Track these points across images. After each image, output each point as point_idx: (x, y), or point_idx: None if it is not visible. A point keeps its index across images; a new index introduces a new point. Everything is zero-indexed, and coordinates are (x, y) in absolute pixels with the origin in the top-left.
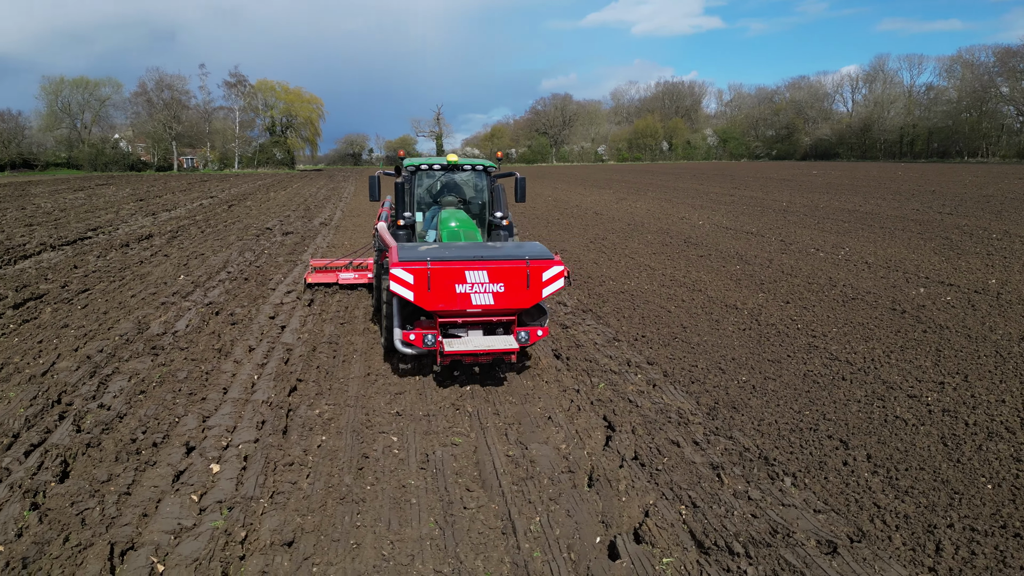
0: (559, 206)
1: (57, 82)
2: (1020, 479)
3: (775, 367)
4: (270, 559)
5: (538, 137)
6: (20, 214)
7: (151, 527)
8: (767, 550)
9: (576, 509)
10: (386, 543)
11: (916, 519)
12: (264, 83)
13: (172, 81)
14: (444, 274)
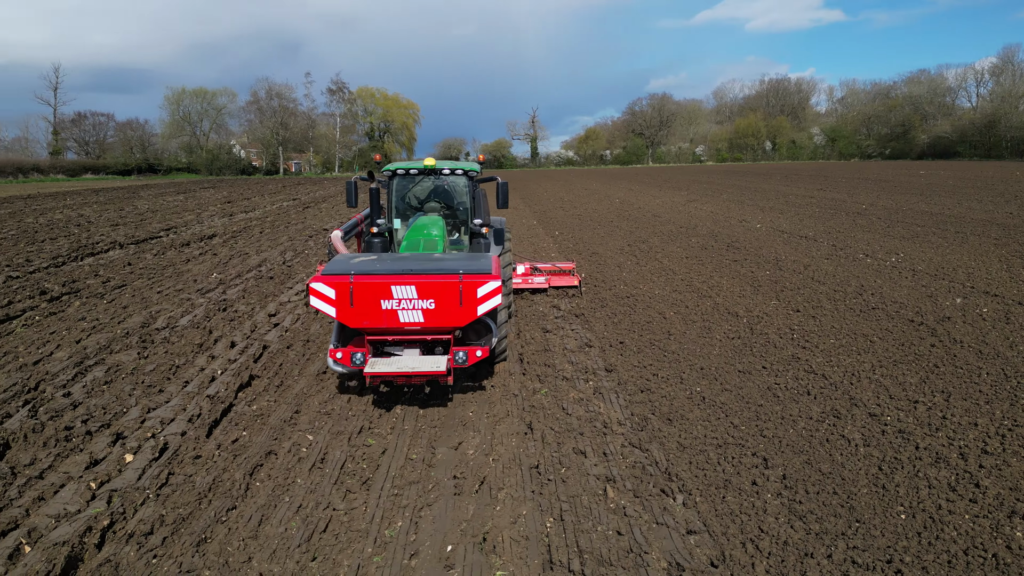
0: (622, 208)
1: (179, 92)
2: (941, 511)
3: (741, 378)
4: (120, 548)
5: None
6: (115, 215)
7: (40, 511)
8: (606, 569)
9: (444, 516)
10: (236, 540)
11: (794, 547)
12: (364, 90)
13: (281, 90)
14: (368, 289)
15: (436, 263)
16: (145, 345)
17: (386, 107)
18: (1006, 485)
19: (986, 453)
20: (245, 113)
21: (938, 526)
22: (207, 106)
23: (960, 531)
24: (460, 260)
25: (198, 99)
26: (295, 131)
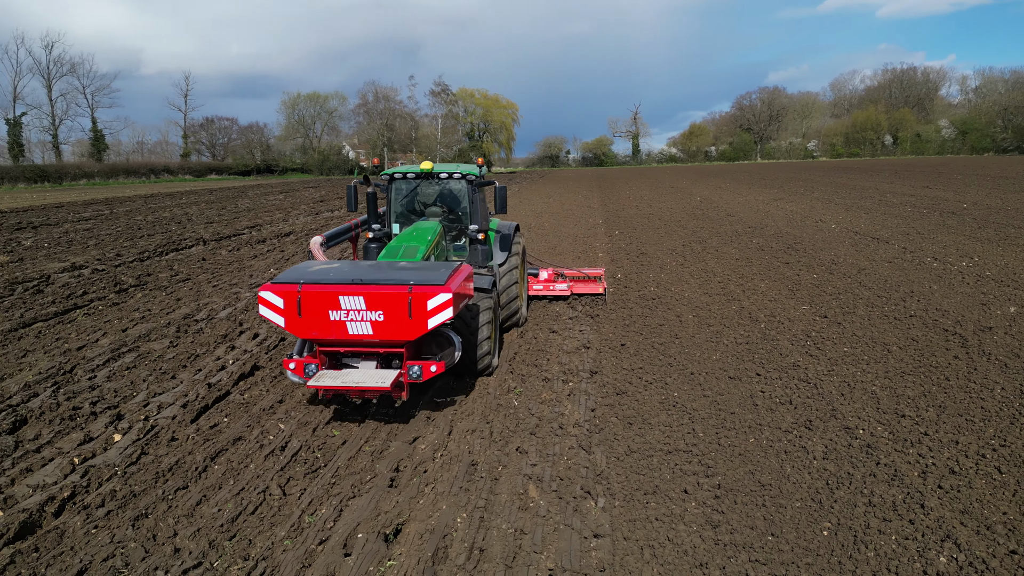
0: (699, 208)
1: (295, 97)
2: (869, 530)
3: (727, 385)
4: (70, 519)
5: (740, 134)
6: (214, 213)
7: (23, 481)
8: (491, 566)
9: (367, 506)
10: (172, 517)
11: (692, 556)
12: (465, 91)
13: (387, 92)
14: (316, 298)
15: (388, 273)
16: (179, 335)
17: (486, 107)
18: (955, 508)
19: (952, 473)
20: (355, 115)
21: (857, 545)
22: (320, 109)
23: (879, 552)
24: (413, 270)
25: (312, 103)
26: (400, 132)
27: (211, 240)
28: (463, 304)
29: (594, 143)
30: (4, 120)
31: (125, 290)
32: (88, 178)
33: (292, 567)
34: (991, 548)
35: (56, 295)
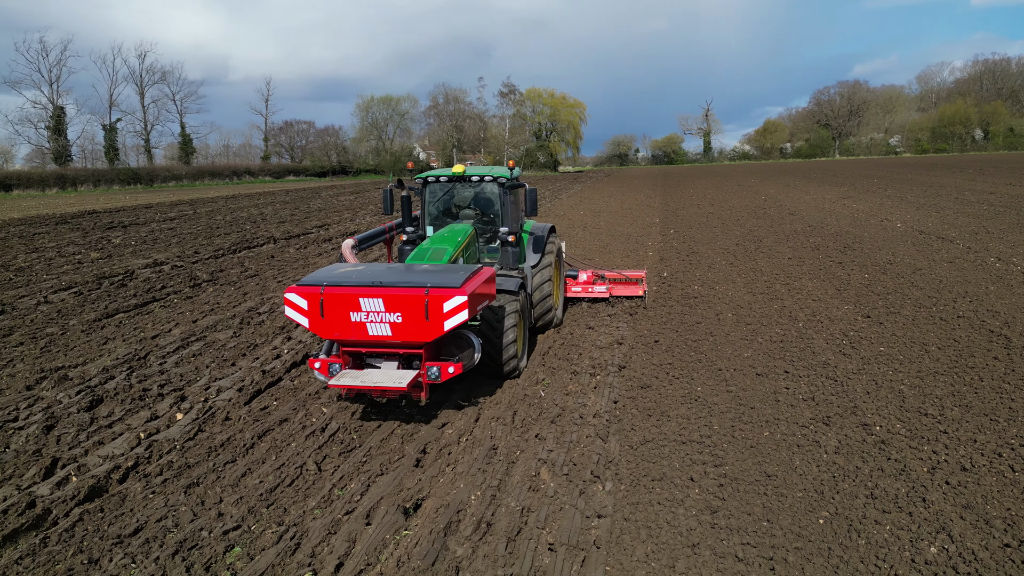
0: (761, 206)
1: (368, 100)
2: (866, 520)
3: (753, 381)
4: (132, 485)
5: (818, 130)
6: (287, 213)
7: (94, 452)
8: (496, 539)
9: (392, 483)
10: (219, 486)
11: (685, 536)
12: (533, 91)
13: (456, 94)
14: (337, 300)
15: (407, 276)
16: (241, 326)
17: (553, 106)
18: (957, 503)
19: (963, 470)
20: (425, 117)
21: (850, 533)
22: (392, 112)
23: (870, 540)
24: (432, 273)
25: (384, 106)
26: (469, 133)
27: (281, 239)
28: (482, 306)
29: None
30: (101, 126)
31: (199, 285)
32: (177, 180)
33: (319, 533)
34: (984, 541)
35: (137, 289)
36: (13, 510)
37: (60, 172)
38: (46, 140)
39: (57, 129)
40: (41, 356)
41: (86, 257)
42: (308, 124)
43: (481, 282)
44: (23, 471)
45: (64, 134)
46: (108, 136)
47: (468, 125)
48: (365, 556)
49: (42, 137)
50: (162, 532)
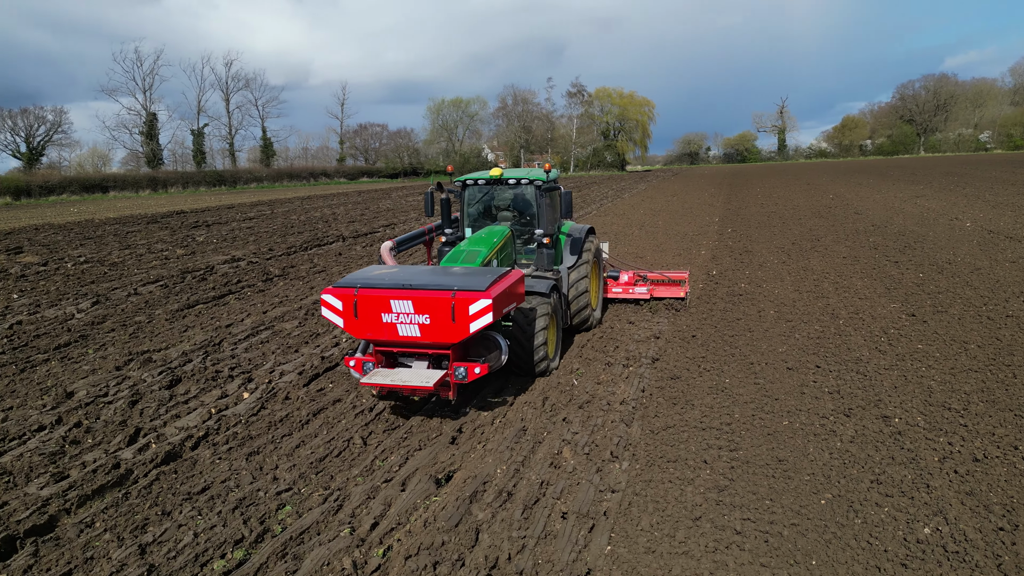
0: (827, 206)
1: (439, 103)
2: (866, 503)
3: (782, 375)
4: (202, 452)
5: (901, 125)
6: (356, 212)
7: (171, 424)
8: (513, 507)
9: (429, 456)
10: (276, 455)
11: (689, 511)
12: (601, 90)
13: (525, 95)
14: (370, 301)
15: (436, 278)
16: (306, 317)
17: (622, 106)
18: (961, 490)
19: (975, 461)
20: (494, 119)
21: (847, 513)
22: (462, 114)
23: (867, 520)
24: (461, 276)
25: (455, 108)
26: (536, 133)
27: (349, 237)
28: (508, 308)
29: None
30: (190, 131)
31: (271, 279)
32: (258, 182)
33: (359, 497)
34: (980, 524)
35: (216, 282)
36: (101, 470)
37: (152, 175)
38: (139, 145)
39: (150, 134)
40: (130, 341)
41: (172, 254)
42: (382, 127)
43: (508, 285)
44: (111, 438)
45: (156, 139)
46: (196, 140)
47: (536, 126)
48: (397, 517)
49: (136, 142)
50: (225, 491)
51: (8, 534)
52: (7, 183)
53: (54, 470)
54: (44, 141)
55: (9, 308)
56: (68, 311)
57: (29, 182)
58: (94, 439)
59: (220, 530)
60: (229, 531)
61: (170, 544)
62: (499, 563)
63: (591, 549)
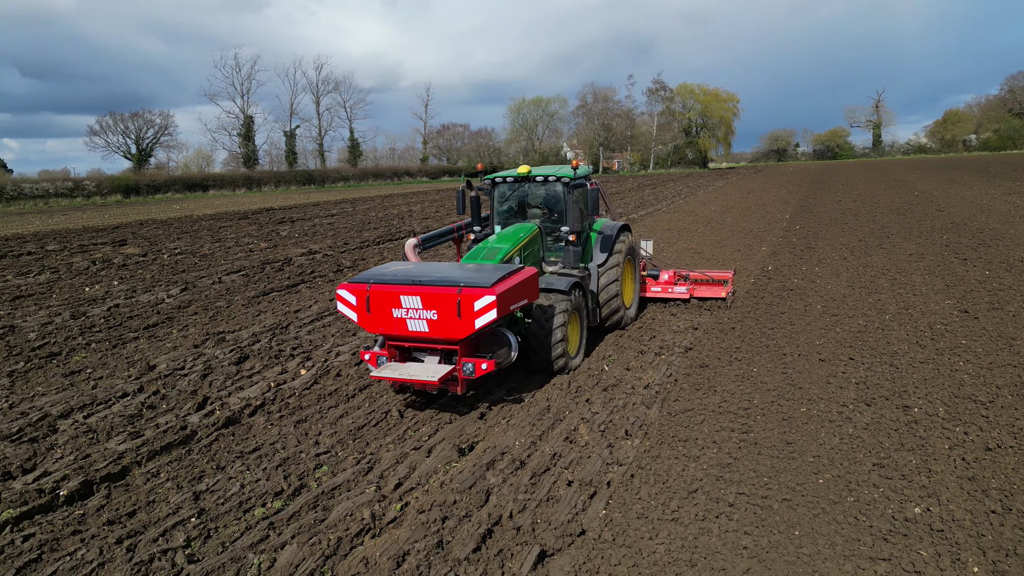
0: (909, 203)
1: (519, 102)
2: (862, 484)
3: (811, 365)
4: (259, 418)
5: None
6: (430, 210)
7: (235, 394)
8: (522, 474)
9: (456, 429)
10: (322, 423)
11: (687, 483)
12: (684, 86)
13: (605, 93)
14: (381, 297)
15: (446, 274)
16: None
17: (705, 102)
18: (962, 475)
19: (987, 450)
20: (574, 117)
21: (841, 491)
22: (542, 113)
23: (859, 498)
24: (468, 273)
25: (535, 107)
26: (616, 131)
27: (420, 232)
28: (517, 306)
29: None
30: (283, 132)
31: (341, 270)
32: (344, 181)
33: (388, 461)
34: (971, 507)
35: (291, 273)
36: (171, 430)
37: (247, 174)
38: (237, 146)
39: (246, 136)
40: (209, 323)
41: (256, 247)
42: (463, 127)
43: (516, 282)
44: (182, 404)
45: (252, 140)
46: (288, 141)
47: (616, 123)
48: (418, 479)
49: (234, 143)
50: (272, 452)
51: (87, 479)
52: (119, 182)
53: (131, 430)
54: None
55: (109, 293)
56: (159, 296)
57: (138, 181)
58: (168, 405)
59: (263, 483)
60: (271, 484)
61: (220, 493)
62: (501, 520)
63: (587, 513)
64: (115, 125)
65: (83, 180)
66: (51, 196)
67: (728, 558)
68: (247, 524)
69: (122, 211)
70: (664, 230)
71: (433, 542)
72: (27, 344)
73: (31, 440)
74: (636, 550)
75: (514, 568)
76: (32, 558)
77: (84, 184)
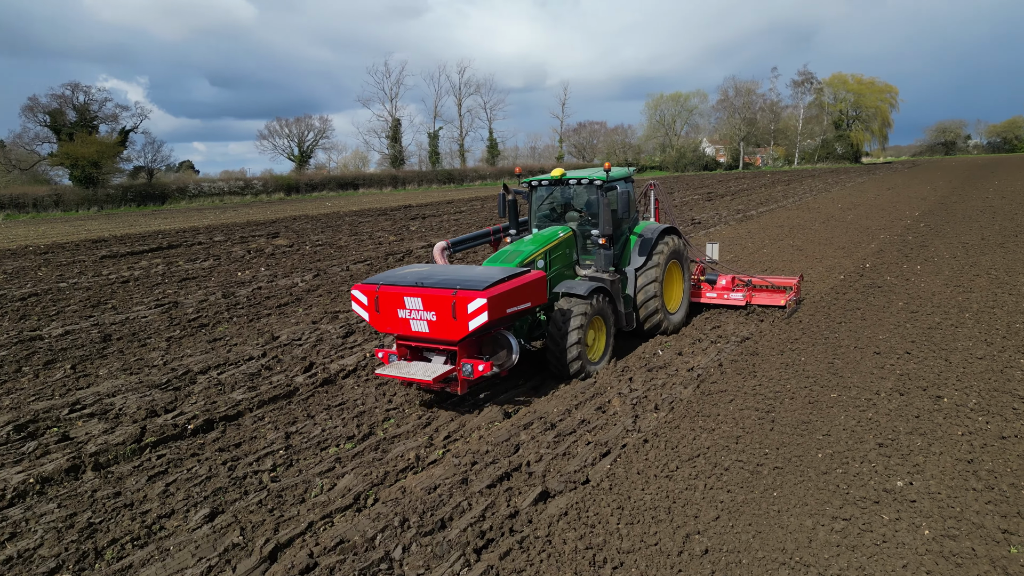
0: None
1: (657, 98)
2: (855, 460)
3: (862, 356)
4: (347, 381)
5: None
6: None
7: (337, 361)
8: (550, 432)
9: (508, 397)
10: (400, 391)
11: (689, 449)
12: (836, 77)
13: (748, 86)
14: (388, 298)
15: (445, 277)
16: None
17: (858, 92)
18: (960, 457)
19: (1002, 438)
20: (715, 112)
21: (833, 463)
22: (680, 108)
23: (848, 471)
24: (466, 275)
25: (673, 103)
26: (760, 125)
27: None
28: (515, 309)
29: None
30: (427, 134)
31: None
32: (482, 179)
33: (445, 419)
34: (955, 483)
35: (408, 261)
36: (280, 386)
37: (393, 173)
38: (386, 147)
39: (394, 138)
40: (329, 304)
41: (386, 240)
42: (600, 124)
43: (514, 286)
44: (292, 368)
45: (399, 141)
46: (431, 142)
47: (760, 117)
48: (463, 434)
49: (383, 145)
50: (353, 406)
51: (209, 418)
52: (282, 181)
53: (250, 385)
54: (312, 146)
55: (255, 277)
56: (294, 281)
57: (298, 180)
58: (281, 368)
59: (340, 429)
60: (346, 430)
61: (305, 434)
62: (520, 467)
63: (595, 467)
64: (281, 129)
65: (252, 180)
66: (225, 194)
67: (703, 508)
68: (321, 459)
69: (282, 207)
70: (776, 227)
71: (459, 479)
72: (184, 316)
73: (175, 389)
74: (625, 497)
75: (517, 502)
76: (161, 470)
77: (253, 183)
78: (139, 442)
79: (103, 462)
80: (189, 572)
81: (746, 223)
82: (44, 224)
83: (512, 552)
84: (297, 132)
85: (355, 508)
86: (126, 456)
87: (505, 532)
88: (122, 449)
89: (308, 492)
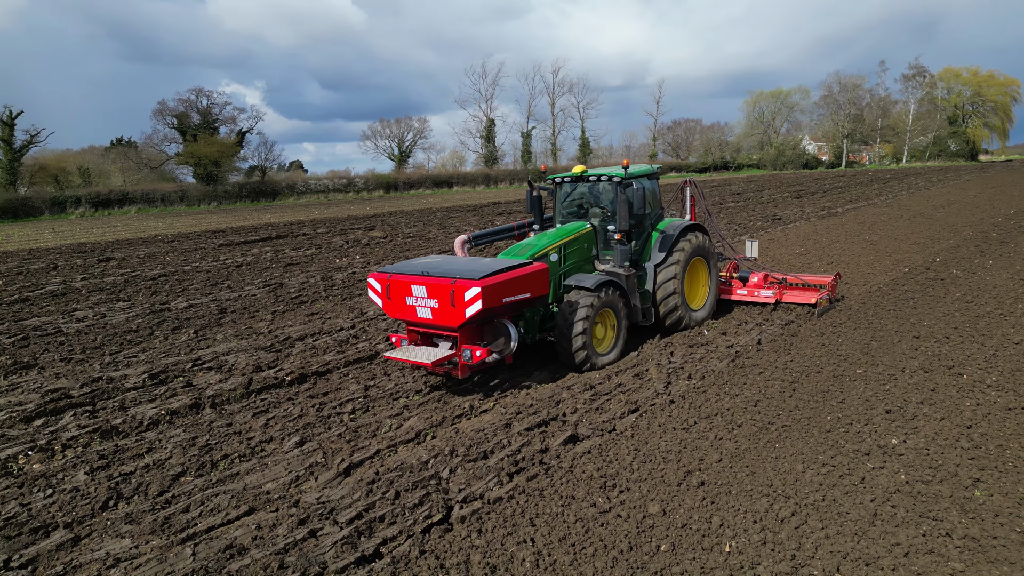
0: None
1: (757, 95)
2: (859, 421)
3: (900, 339)
4: None
5: None
6: None
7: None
8: (586, 391)
9: (559, 369)
10: None
11: (708, 413)
12: (949, 70)
13: (853, 82)
14: (398, 286)
15: (449, 267)
16: None
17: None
18: (960, 423)
19: (1008, 409)
20: (817, 108)
21: (836, 426)
22: (780, 105)
23: (850, 431)
24: (467, 266)
25: (773, 100)
26: (865, 122)
27: None
28: (513, 299)
29: None
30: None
31: None
32: None
33: (502, 379)
34: (946, 442)
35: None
36: (363, 351)
37: (486, 172)
38: (480, 147)
39: (488, 137)
40: None
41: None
42: (696, 122)
43: (511, 277)
44: (375, 338)
45: (493, 141)
46: (524, 142)
47: (867, 113)
48: (513, 391)
49: (477, 144)
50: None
51: (303, 373)
52: (382, 180)
53: (339, 349)
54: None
55: (351, 264)
56: None
57: (397, 179)
58: (366, 337)
59: (410, 384)
60: (415, 386)
61: (381, 387)
62: (557, 417)
63: (622, 420)
64: (382, 130)
65: (355, 178)
66: (330, 191)
67: (708, 453)
68: (392, 406)
69: (380, 204)
70: (857, 223)
71: (503, 423)
72: (288, 295)
73: (277, 351)
74: (642, 442)
75: (549, 442)
76: (263, 409)
77: (356, 181)
78: (247, 388)
79: (218, 402)
80: (282, 479)
81: (828, 220)
82: (171, 217)
83: (538, 476)
84: (397, 133)
85: (415, 442)
86: (236, 398)
87: (535, 462)
88: (233, 393)
89: (379, 430)
